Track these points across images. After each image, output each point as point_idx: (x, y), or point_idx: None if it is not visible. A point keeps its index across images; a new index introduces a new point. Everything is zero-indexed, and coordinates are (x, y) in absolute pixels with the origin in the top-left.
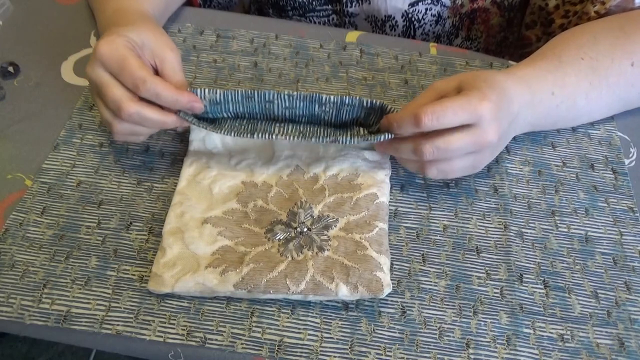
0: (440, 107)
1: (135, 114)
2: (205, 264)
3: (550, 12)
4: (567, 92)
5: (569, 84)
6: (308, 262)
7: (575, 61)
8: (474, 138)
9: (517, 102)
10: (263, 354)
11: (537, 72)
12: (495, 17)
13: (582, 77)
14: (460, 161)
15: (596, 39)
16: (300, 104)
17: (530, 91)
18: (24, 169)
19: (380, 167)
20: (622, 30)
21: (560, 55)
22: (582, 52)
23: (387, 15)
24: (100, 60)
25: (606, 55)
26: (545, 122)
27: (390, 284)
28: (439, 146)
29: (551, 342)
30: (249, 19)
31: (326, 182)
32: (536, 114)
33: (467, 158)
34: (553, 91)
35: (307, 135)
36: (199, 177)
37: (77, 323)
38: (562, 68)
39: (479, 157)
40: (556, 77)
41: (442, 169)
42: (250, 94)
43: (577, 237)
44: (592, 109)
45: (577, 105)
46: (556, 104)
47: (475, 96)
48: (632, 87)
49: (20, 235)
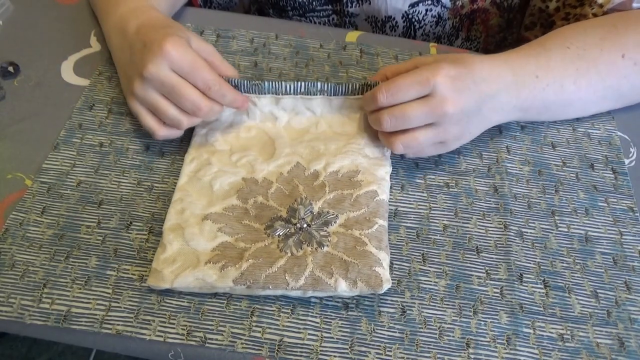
0: (393, 84)
1: (210, 111)
2: (205, 260)
3: (551, 14)
4: (553, 76)
5: (553, 68)
6: (307, 258)
7: (560, 49)
8: (429, 107)
9: (495, 82)
10: (263, 353)
11: (520, 56)
12: (494, 17)
13: (568, 63)
14: (423, 134)
15: (585, 32)
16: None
17: (512, 73)
18: (24, 168)
19: (381, 164)
20: (614, 25)
21: (545, 44)
22: (568, 42)
23: (387, 15)
24: (170, 61)
25: (594, 45)
26: (534, 106)
27: (390, 280)
28: (394, 114)
29: (551, 341)
30: (249, 19)
31: (326, 178)
32: (521, 97)
33: (429, 130)
34: (537, 74)
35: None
36: (200, 174)
37: (77, 323)
38: (546, 54)
39: (441, 130)
40: (539, 61)
41: (406, 143)
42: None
43: (577, 237)
44: (584, 96)
45: (566, 89)
46: (542, 87)
47: (428, 69)
48: (624, 79)
49: (20, 235)
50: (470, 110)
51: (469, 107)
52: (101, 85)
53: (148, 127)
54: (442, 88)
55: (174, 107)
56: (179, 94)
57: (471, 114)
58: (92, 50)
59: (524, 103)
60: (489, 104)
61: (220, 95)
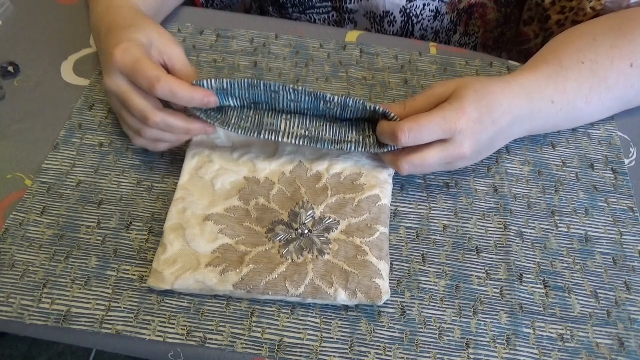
0: (417, 125)
1: (161, 122)
2: (205, 263)
3: (546, 8)
4: (568, 99)
5: (569, 90)
6: (308, 266)
7: (576, 65)
8: (448, 152)
9: (511, 114)
10: (263, 354)
11: (539, 79)
12: (492, 12)
13: (583, 81)
14: (433, 167)
15: (596, 40)
16: (305, 98)
17: (529, 102)
18: (24, 169)
19: (384, 166)
20: (621, 29)
21: (562, 60)
22: (582, 55)
23: (385, 11)
24: (117, 68)
25: (606, 57)
26: (543, 128)
27: (389, 291)
28: (414, 163)
29: (551, 342)
30: (248, 18)
31: (329, 181)
32: (534, 123)
33: (440, 166)
34: (553, 99)
35: (313, 139)
36: (202, 172)
37: (77, 323)
38: (564, 74)
39: (452, 165)
40: (557, 84)
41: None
42: (256, 83)
43: (577, 237)
44: (592, 112)
45: (577, 109)
46: (556, 112)
47: (453, 111)
48: (631, 88)
49: (20, 235)
50: (484, 147)
51: (483, 146)
52: (101, 85)
53: (126, 133)
54: (463, 136)
55: (131, 116)
56: (128, 102)
57: (483, 151)
58: (92, 50)
59: (535, 128)
60: (503, 135)
61: (169, 93)
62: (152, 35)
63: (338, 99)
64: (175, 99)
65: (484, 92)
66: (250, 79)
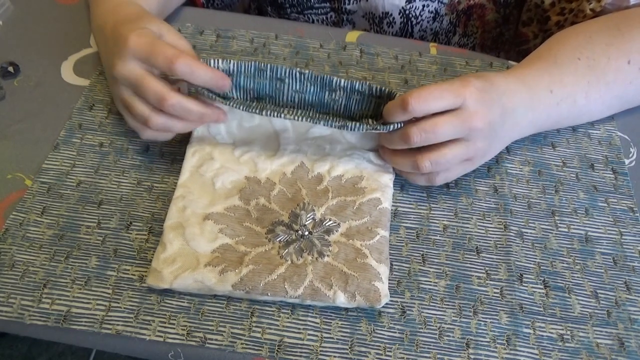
0: (425, 91)
1: (177, 104)
2: (204, 262)
3: (546, 9)
4: (567, 91)
5: (567, 83)
6: (307, 267)
7: (571, 61)
8: (460, 120)
9: (513, 98)
10: (263, 354)
11: (533, 72)
12: (491, 13)
13: (580, 76)
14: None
15: (592, 38)
16: (310, 88)
17: (527, 89)
18: (24, 169)
19: (386, 170)
20: (618, 28)
21: (556, 56)
22: (578, 52)
23: (384, 12)
24: (132, 51)
25: (602, 54)
26: (547, 121)
27: (388, 295)
28: (425, 128)
29: (551, 342)
30: (248, 18)
31: (330, 183)
32: (537, 113)
33: (457, 147)
34: (551, 89)
35: (315, 118)
36: (202, 169)
37: (77, 323)
38: (559, 67)
39: (470, 145)
40: (553, 76)
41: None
42: (263, 66)
43: (577, 237)
44: (592, 109)
45: (578, 104)
46: (556, 102)
47: (458, 81)
48: (629, 85)
49: (20, 235)
50: (496, 123)
51: (495, 121)
52: (101, 85)
53: (133, 127)
54: (472, 101)
55: (142, 103)
56: (141, 85)
57: (497, 128)
58: (92, 50)
59: (538, 119)
60: (510, 119)
61: (188, 70)
62: (162, 28)
63: (344, 82)
64: (192, 77)
65: (484, 75)
66: (257, 61)
